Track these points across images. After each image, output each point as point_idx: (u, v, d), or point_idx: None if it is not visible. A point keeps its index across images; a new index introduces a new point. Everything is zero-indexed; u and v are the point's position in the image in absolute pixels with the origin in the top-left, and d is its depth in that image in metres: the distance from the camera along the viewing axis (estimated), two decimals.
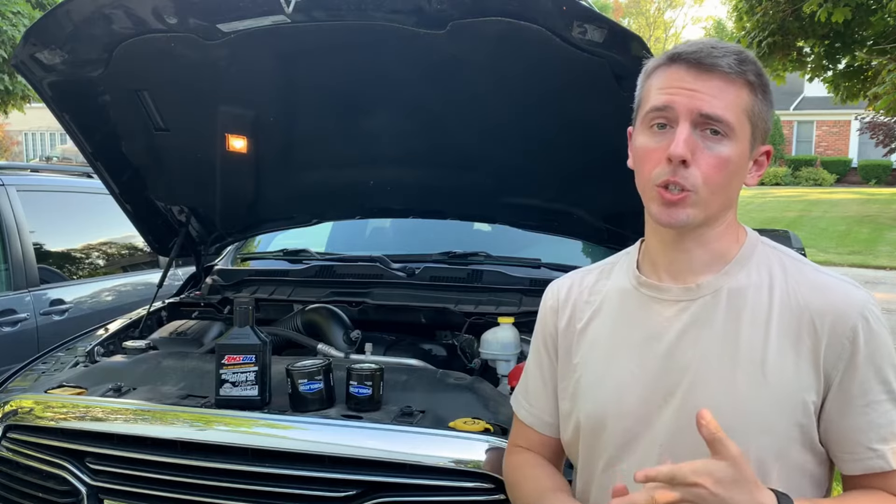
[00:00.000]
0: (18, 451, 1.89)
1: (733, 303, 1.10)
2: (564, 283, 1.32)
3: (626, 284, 1.21)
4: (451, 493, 1.60)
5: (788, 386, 1.05)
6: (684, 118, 1.04)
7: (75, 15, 2.03)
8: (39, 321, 3.73)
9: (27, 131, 29.64)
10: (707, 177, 1.04)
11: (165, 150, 2.57)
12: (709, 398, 1.05)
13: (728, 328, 1.09)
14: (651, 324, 1.14)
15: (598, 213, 2.51)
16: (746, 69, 1.06)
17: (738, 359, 1.07)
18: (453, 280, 2.64)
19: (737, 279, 1.11)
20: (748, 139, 1.08)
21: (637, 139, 1.12)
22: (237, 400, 1.77)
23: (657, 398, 1.11)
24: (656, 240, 1.17)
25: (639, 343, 1.15)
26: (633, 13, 45.82)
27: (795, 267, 1.13)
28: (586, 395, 1.20)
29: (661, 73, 1.09)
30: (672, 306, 1.13)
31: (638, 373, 1.14)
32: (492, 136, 2.31)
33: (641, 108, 1.12)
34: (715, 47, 1.05)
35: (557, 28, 1.80)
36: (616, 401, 1.15)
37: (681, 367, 1.10)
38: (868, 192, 22.96)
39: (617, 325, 1.19)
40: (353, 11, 1.90)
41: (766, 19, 11.89)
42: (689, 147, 1.03)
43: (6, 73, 10.81)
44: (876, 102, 11.89)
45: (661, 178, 1.06)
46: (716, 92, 1.04)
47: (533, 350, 1.36)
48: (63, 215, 4.32)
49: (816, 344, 1.06)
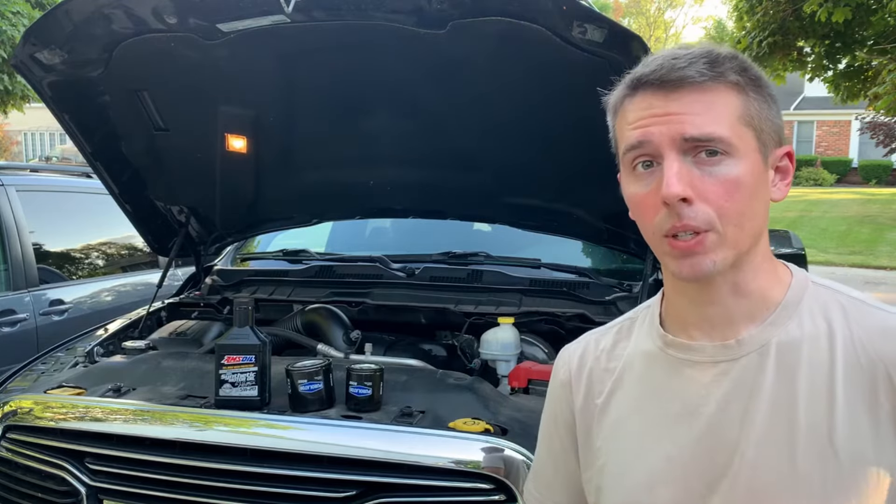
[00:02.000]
0: (18, 451, 1.89)
1: (785, 360, 0.88)
2: (577, 350, 1.09)
3: (649, 346, 0.99)
4: (450, 493, 1.59)
5: (866, 462, 0.83)
6: (668, 149, 0.85)
7: (75, 15, 2.03)
8: (39, 321, 3.72)
9: (27, 131, 29.65)
10: (719, 208, 0.85)
11: (165, 150, 2.57)
12: (764, 486, 0.86)
13: (781, 394, 0.87)
14: (685, 394, 0.93)
15: (598, 213, 2.51)
16: (723, 69, 0.87)
17: (798, 432, 0.85)
18: (453, 280, 2.64)
19: (787, 330, 0.89)
20: (755, 148, 0.88)
21: (626, 187, 0.93)
22: (237, 400, 1.77)
23: (699, 488, 0.90)
24: (679, 297, 0.96)
25: (672, 419, 0.93)
26: (633, 13, 45.82)
27: (858, 309, 0.90)
28: (612, 488, 0.99)
29: (628, 105, 0.91)
30: (709, 370, 0.92)
31: (674, 456, 0.92)
32: (492, 136, 2.31)
33: (619, 151, 0.94)
34: (677, 57, 0.87)
35: (558, 28, 1.79)
36: (649, 491, 0.93)
37: (726, 447, 0.88)
38: (868, 193, 22.95)
39: (644, 398, 0.98)
40: (352, 11, 1.90)
41: (767, 19, 11.89)
42: (685, 181, 0.84)
43: (6, 73, 10.81)
44: (876, 102, 11.89)
45: (665, 227, 0.87)
46: (695, 108, 0.85)
47: (543, 432, 1.13)
48: (63, 215, 4.32)
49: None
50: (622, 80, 0.93)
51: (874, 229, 15.22)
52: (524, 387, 1.99)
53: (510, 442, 1.62)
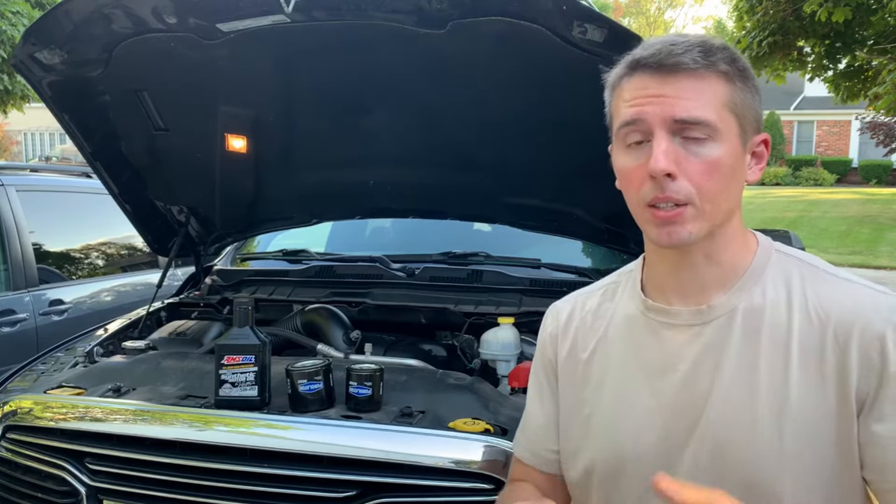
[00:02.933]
0: (18, 451, 1.88)
1: (749, 324, 0.99)
2: (565, 308, 1.21)
3: (631, 309, 1.10)
4: (450, 493, 1.59)
5: (815, 415, 0.94)
6: (659, 128, 0.94)
7: (75, 15, 2.02)
8: (39, 321, 3.72)
9: (27, 131, 29.64)
10: (699, 185, 0.94)
11: (165, 150, 2.57)
12: (730, 434, 0.97)
13: (745, 353, 0.98)
14: (663, 353, 1.04)
15: (598, 213, 2.51)
16: (715, 59, 0.95)
17: (759, 388, 0.96)
18: (453, 280, 2.64)
19: (751, 296, 1.00)
20: (737, 134, 0.97)
21: (616, 160, 1.02)
22: (237, 400, 1.77)
23: (677, 436, 1.01)
24: (660, 262, 1.06)
25: (652, 375, 1.04)
26: (633, 13, 45.83)
27: (813, 275, 1.01)
28: (600, 437, 1.09)
29: (624, 85, 0.99)
30: (684, 332, 1.03)
31: (654, 408, 1.03)
32: (492, 136, 2.31)
33: (613, 126, 1.02)
34: (675, 44, 0.95)
35: (557, 28, 1.79)
36: (634, 441, 1.04)
37: (698, 400, 1.00)
38: (868, 193, 22.95)
39: (626, 356, 1.08)
40: (352, 11, 1.90)
41: (767, 19, 11.89)
42: (671, 158, 0.93)
43: (6, 73, 10.81)
44: (876, 102, 11.90)
45: (648, 197, 0.96)
46: (687, 93, 0.94)
47: (532, 384, 1.25)
48: (62, 215, 4.32)
49: (842, 361, 0.94)
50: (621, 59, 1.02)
51: (874, 229, 15.22)
52: (524, 387, 1.98)
53: (510, 442, 1.61)
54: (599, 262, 2.97)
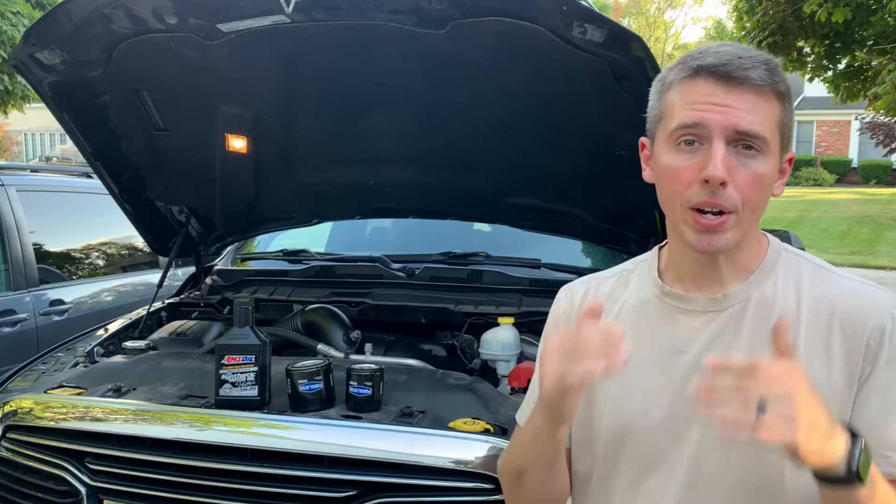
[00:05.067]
0: (18, 451, 1.89)
1: (761, 312, 1.06)
2: (579, 290, 1.25)
3: (646, 294, 1.16)
4: (450, 493, 1.60)
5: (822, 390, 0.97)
6: (718, 136, 0.98)
7: (75, 15, 2.02)
8: (39, 321, 3.72)
9: (27, 131, 29.62)
10: (745, 196, 0.99)
11: (165, 150, 2.57)
12: None
13: (756, 338, 1.05)
14: (677, 335, 1.10)
15: (598, 213, 2.51)
16: (777, 79, 1.00)
17: None
18: (453, 280, 2.64)
19: (763, 288, 1.08)
20: (778, 151, 1.03)
21: (662, 156, 1.05)
22: (237, 400, 1.77)
23: (684, 414, 1.06)
24: (684, 257, 1.11)
25: (665, 355, 1.10)
26: (633, 13, 45.81)
27: (820, 273, 1.10)
28: (607, 408, 1.14)
29: (685, 86, 1.02)
30: (699, 317, 1.09)
31: (665, 385, 1.09)
32: (492, 136, 2.31)
33: (664, 123, 1.05)
34: (743, 57, 0.99)
35: (557, 28, 1.79)
36: (642, 414, 1.10)
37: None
38: (868, 193, 22.96)
39: (640, 336, 1.11)
40: (352, 11, 1.90)
41: (766, 19, 11.89)
42: (727, 166, 0.98)
43: (6, 73, 10.80)
44: (876, 102, 11.88)
45: (696, 200, 1.00)
46: (749, 106, 0.98)
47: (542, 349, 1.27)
48: (63, 215, 4.32)
49: (847, 346, 1.02)
50: (678, 59, 1.05)
51: (874, 229, 15.23)
52: (524, 387, 1.99)
53: None
54: (599, 262, 2.97)
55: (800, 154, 28.88)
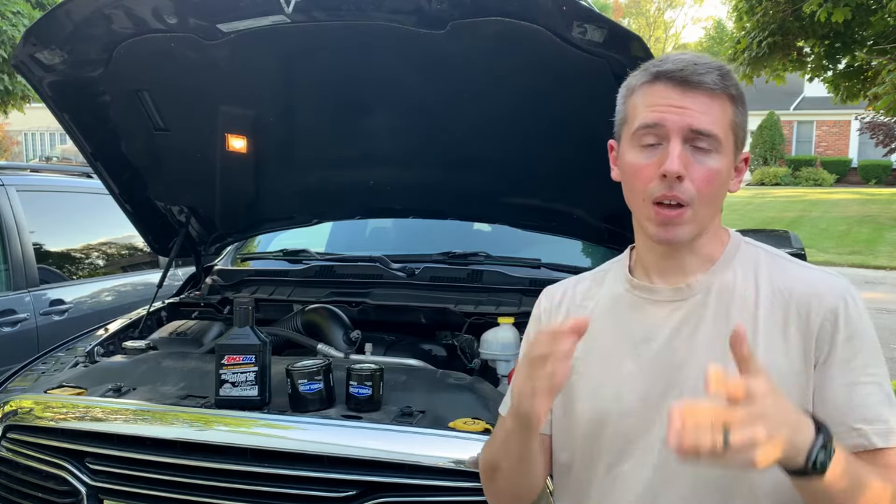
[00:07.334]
0: (18, 451, 1.89)
1: (722, 298, 1.14)
2: (558, 289, 1.35)
3: (618, 289, 1.25)
4: (450, 493, 1.60)
5: (779, 372, 1.07)
6: (675, 134, 1.07)
7: (75, 15, 2.03)
8: (39, 321, 3.72)
9: (27, 131, 29.62)
10: (700, 190, 1.08)
11: (165, 150, 2.57)
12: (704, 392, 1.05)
13: (718, 323, 1.13)
14: (646, 324, 1.18)
15: (598, 213, 2.51)
16: (729, 84, 1.10)
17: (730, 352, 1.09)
18: (453, 280, 2.64)
19: (723, 276, 1.16)
20: (732, 150, 1.12)
21: (626, 155, 1.14)
22: (237, 400, 1.77)
23: (655, 397, 1.14)
24: (649, 251, 1.21)
25: (635, 343, 1.18)
26: (633, 13, 45.83)
27: (777, 262, 1.18)
28: (585, 397, 1.21)
29: (646, 90, 1.11)
30: (665, 307, 1.17)
31: (636, 372, 1.16)
32: (492, 136, 2.31)
33: (627, 125, 1.14)
34: (698, 64, 1.09)
35: (557, 28, 1.80)
36: (616, 400, 1.17)
37: (676, 363, 1.13)
38: (868, 193, 22.95)
39: (612, 328, 1.22)
40: (352, 11, 1.90)
41: (766, 19, 11.87)
42: (683, 162, 1.07)
43: (6, 73, 10.79)
44: (876, 102, 11.87)
45: (656, 194, 1.09)
46: (703, 108, 1.08)
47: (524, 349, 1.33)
48: (63, 215, 4.32)
49: (802, 328, 1.10)
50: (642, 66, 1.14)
51: (874, 229, 15.22)
52: None
53: None
54: (599, 262, 2.93)
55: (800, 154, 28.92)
